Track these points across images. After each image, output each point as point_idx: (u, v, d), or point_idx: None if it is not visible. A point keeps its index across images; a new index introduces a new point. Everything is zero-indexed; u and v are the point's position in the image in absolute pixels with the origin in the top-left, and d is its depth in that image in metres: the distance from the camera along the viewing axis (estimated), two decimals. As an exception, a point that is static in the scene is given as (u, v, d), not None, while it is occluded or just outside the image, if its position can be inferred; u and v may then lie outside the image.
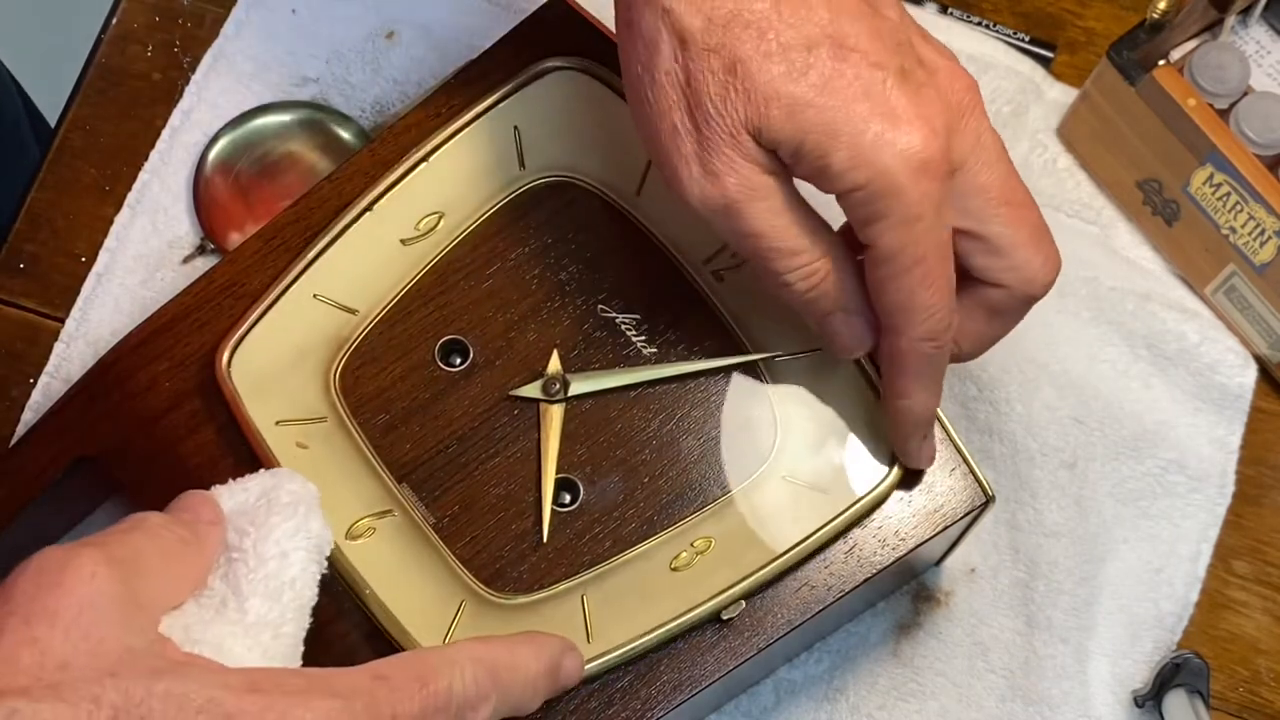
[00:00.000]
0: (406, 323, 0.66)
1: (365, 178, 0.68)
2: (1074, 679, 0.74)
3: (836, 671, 0.74)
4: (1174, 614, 0.75)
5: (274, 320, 0.66)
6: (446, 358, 0.66)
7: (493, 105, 0.68)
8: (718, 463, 0.65)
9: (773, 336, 0.66)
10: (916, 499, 0.64)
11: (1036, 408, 0.76)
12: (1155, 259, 0.79)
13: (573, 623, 0.62)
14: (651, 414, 0.65)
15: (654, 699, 0.62)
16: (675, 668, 0.62)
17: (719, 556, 0.63)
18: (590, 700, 0.62)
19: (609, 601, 0.63)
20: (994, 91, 0.81)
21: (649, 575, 0.63)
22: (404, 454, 0.65)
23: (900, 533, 0.64)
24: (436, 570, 0.63)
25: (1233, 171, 0.73)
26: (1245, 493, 0.77)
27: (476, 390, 0.65)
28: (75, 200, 0.80)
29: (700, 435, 0.65)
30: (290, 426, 0.65)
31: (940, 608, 0.75)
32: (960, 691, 0.74)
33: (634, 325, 0.66)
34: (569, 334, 0.66)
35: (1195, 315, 0.78)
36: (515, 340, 0.66)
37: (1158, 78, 0.74)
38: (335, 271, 0.67)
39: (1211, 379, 0.77)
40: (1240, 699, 0.75)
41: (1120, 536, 0.75)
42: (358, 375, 0.66)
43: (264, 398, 0.65)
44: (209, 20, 0.82)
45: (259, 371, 0.65)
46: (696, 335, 0.66)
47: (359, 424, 0.65)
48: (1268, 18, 0.77)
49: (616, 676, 0.62)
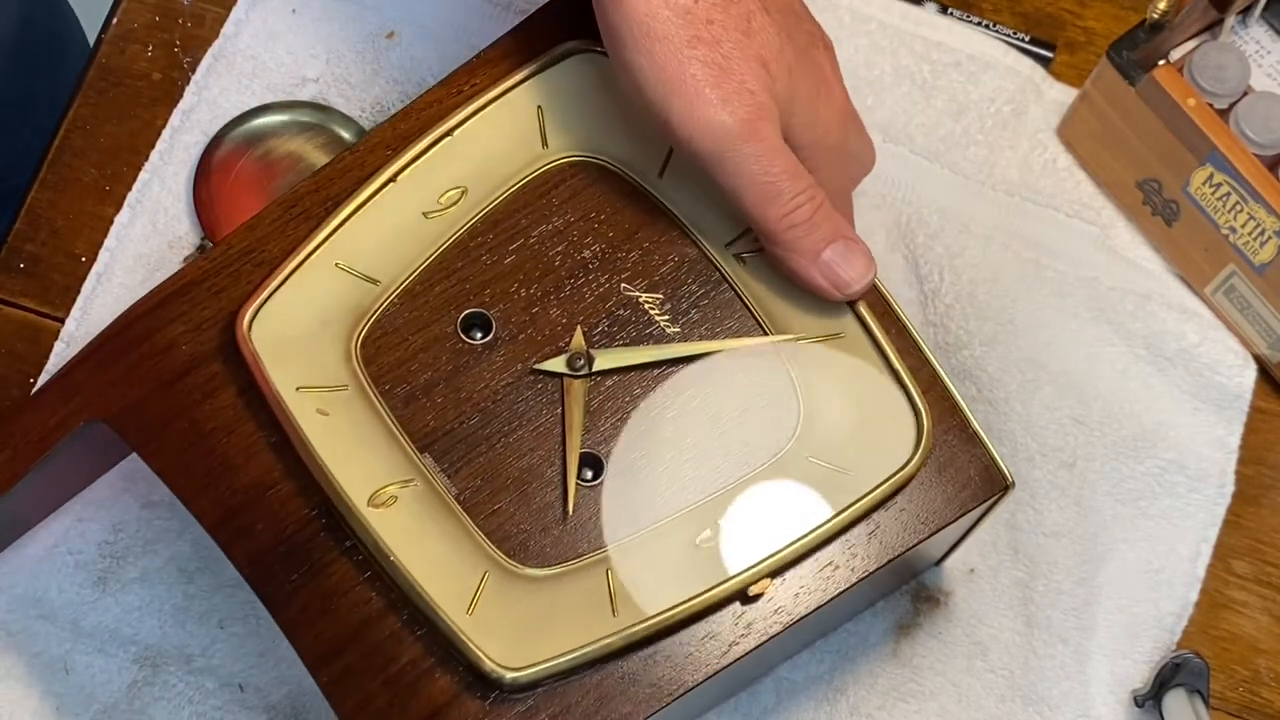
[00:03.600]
0: (428, 295, 0.66)
1: (387, 150, 0.67)
2: (1073, 679, 0.74)
3: (836, 671, 0.74)
4: (1173, 614, 0.75)
5: (295, 287, 0.65)
6: (468, 331, 0.66)
7: (516, 85, 0.68)
8: (740, 442, 0.64)
9: (794, 320, 0.66)
10: (938, 484, 0.64)
11: (1036, 408, 0.76)
12: (1155, 259, 0.79)
13: (597, 596, 0.62)
14: (675, 392, 0.65)
15: (678, 675, 0.61)
16: (700, 644, 0.62)
17: (742, 535, 0.63)
18: (615, 674, 0.61)
19: (634, 576, 0.63)
20: (994, 91, 0.81)
21: (673, 551, 0.63)
22: (426, 424, 0.64)
23: (921, 516, 0.64)
24: (459, 541, 0.63)
25: (1232, 171, 0.73)
26: (1245, 492, 0.77)
27: (499, 364, 0.65)
28: (75, 200, 0.80)
29: (723, 415, 0.65)
30: (311, 393, 0.64)
31: (940, 608, 0.75)
32: (959, 691, 0.74)
33: (657, 305, 0.66)
34: (592, 311, 0.66)
35: (1195, 315, 0.78)
36: (538, 316, 0.66)
37: (1158, 78, 0.74)
38: (357, 241, 0.66)
39: (1211, 379, 0.77)
40: (1240, 699, 0.75)
41: (1120, 536, 0.75)
42: (379, 345, 0.65)
43: (284, 364, 0.64)
44: (209, 20, 0.82)
45: (279, 338, 0.65)
46: (719, 316, 0.66)
47: (380, 393, 0.65)
48: (1268, 18, 0.77)
49: (641, 652, 0.62)
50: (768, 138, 0.62)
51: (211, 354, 0.65)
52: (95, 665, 0.73)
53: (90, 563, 0.74)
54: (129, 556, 0.74)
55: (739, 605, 0.62)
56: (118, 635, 0.73)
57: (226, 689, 0.73)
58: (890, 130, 0.80)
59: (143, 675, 0.73)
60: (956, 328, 0.77)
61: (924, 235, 0.79)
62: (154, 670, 0.73)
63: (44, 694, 0.73)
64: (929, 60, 0.81)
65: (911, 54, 0.81)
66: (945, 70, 0.81)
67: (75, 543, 0.74)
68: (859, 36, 0.81)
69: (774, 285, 0.66)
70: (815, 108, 0.64)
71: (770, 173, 0.62)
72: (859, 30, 0.81)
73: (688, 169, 0.66)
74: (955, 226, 0.79)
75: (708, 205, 0.67)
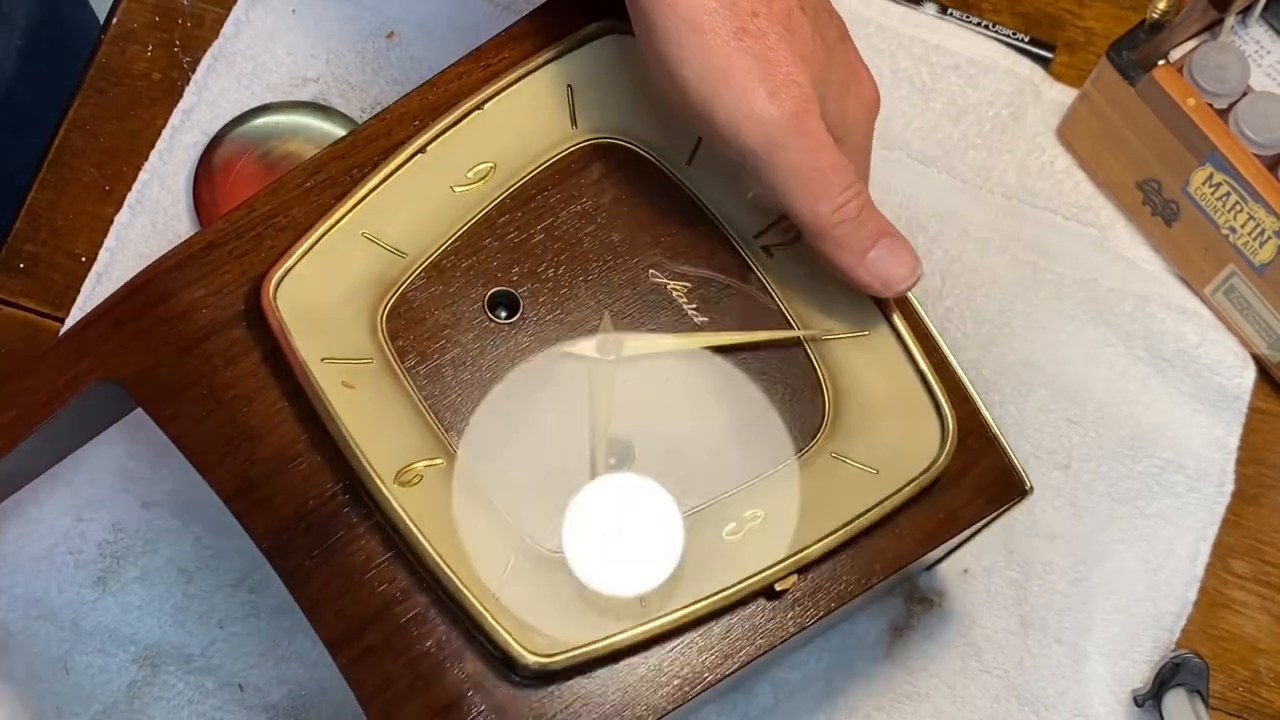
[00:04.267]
0: (455, 270, 0.65)
1: (415, 122, 0.66)
2: (1070, 679, 0.74)
3: (832, 673, 0.74)
4: (1173, 614, 0.75)
5: (321, 255, 0.63)
6: (494, 310, 0.64)
7: (547, 62, 0.67)
8: (767, 437, 0.64)
9: (821, 316, 0.65)
10: (958, 488, 0.63)
11: (1030, 410, 0.76)
12: (1154, 259, 0.79)
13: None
14: (703, 381, 0.64)
15: (704, 668, 0.61)
16: (726, 637, 0.61)
17: (770, 529, 0.62)
18: (639, 668, 0.60)
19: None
20: (992, 94, 0.81)
21: (701, 543, 0.62)
22: (452, 403, 0.63)
23: (942, 519, 0.63)
24: (488, 522, 0.61)
25: (1232, 171, 0.73)
26: (1244, 492, 0.77)
27: (526, 345, 0.64)
28: (75, 200, 0.80)
29: (750, 408, 0.64)
30: (336, 365, 0.62)
31: (934, 609, 0.75)
32: (954, 692, 0.74)
33: (685, 293, 0.65)
34: (620, 295, 0.65)
35: (1194, 316, 0.78)
36: (566, 298, 0.65)
37: (1157, 78, 0.74)
38: (385, 211, 0.64)
39: (1210, 379, 0.77)
40: (1240, 699, 0.75)
41: (1118, 536, 0.75)
42: (405, 319, 0.64)
43: (310, 334, 0.62)
44: (209, 20, 0.82)
45: (304, 306, 0.62)
46: (746, 308, 0.65)
47: (406, 370, 0.63)
48: (1267, 18, 0.77)
49: (668, 644, 0.61)
50: (815, 131, 0.61)
51: (233, 320, 0.63)
52: (95, 665, 0.73)
53: (90, 562, 0.74)
54: (129, 556, 0.75)
55: (765, 600, 0.61)
56: (117, 635, 0.74)
57: (226, 689, 0.73)
58: (888, 135, 0.80)
59: (142, 675, 0.73)
60: (955, 331, 0.77)
61: (923, 239, 0.79)
62: (154, 670, 0.73)
63: (44, 694, 0.73)
64: (927, 63, 0.81)
65: (910, 57, 0.81)
66: (944, 73, 0.81)
67: (75, 543, 0.75)
68: (857, 39, 0.80)
69: (802, 280, 0.65)
70: (844, 102, 0.64)
71: (818, 167, 0.61)
72: (857, 33, 0.80)
73: (718, 160, 0.65)
74: (954, 230, 0.79)
75: (736, 197, 0.66)
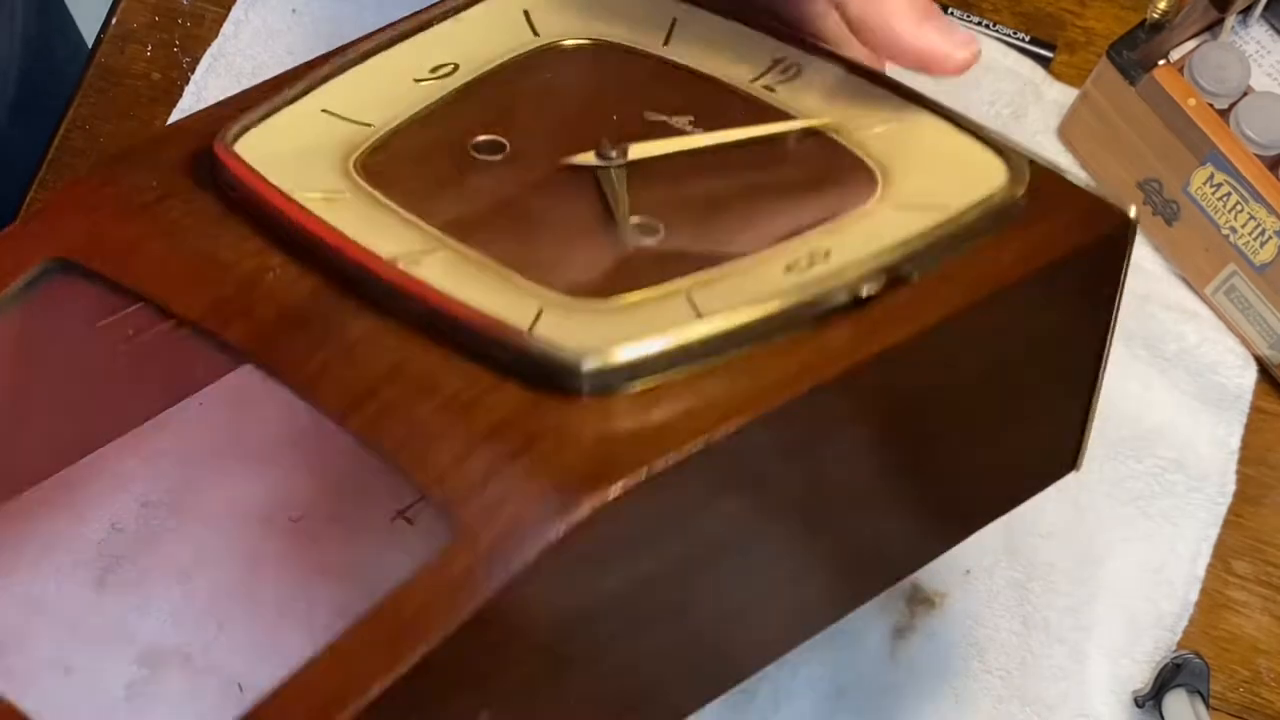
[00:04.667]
0: (431, 128, 0.59)
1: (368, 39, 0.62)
2: (1072, 679, 0.74)
3: (834, 674, 0.74)
4: (1173, 614, 0.75)
5: (277, 125, 0.58)
6: (480, 152, 0.59)
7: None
8: (816, 209, 0.56)
9: (847, 114, 0.59)
10: (1042, 222, 0.56)
11: (1032, 410, 0.76)
12: (1155, 259, 0.79)
13: (677, 309, 0.52)
14: (727, 175, 0.58)
15: (782, 382, 0.51)
16: (806, 348, 0.52)
17: (840, 261, 0.54)
18: (707, 374, 0.51)
19: (715, 302, 0.52)
20: (993, 95, 0.81)
21: (762, 280, 0.53)
22: (445, 212, 0.56)
23: (1041, 242, 0.56)
24: (504, 284, 0.54)
25: (1233, 171, 0.73)
26: (1245, 492, 0.77)
27: (520, 168, 0.58)
28: (75, 200, 0.80)
29: (788, 194, 0.58)
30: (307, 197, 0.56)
31: (935, 609, 0.75)
32: (956, 693, 0.74)
33: (689, 123, 0.60)
34: (618, 134, 0.58)
35: (1195, 315, 0.78)
36: (557, 133, 0.59)
37: (1158, 78, 0.74)
38: (344, 93, 0.60)
39: (1211, 379, 0.77)
40: (1240, 699, 0.75)
41: (1119, 536, 0.75)
42: (380, 164, 0.58)
43: (273, 174, 0.56)
44: (209, 20, 0.82)
45: (263, 155, 0.57)
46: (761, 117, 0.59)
47: (387, 195, 0.56)
48: (1268, 18, 0.77)
49: (734, 351, 0.51)
50: None
51: (188, 186, 0.57)
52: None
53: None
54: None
55: (846, 314, 0.52)
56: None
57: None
58: (887, 134, 0.80)
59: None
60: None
61: (923, 239, 0.78)
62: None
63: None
64: (927, 62, 0.81)
65: (910, 56, 0.81)
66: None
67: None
68: (857, 38, 0.81)
69: (817, 99, 0.60)
70: None
71: None
72: (857, 32, 0.81)
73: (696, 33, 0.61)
74: (954, 230, 0.79)
75: (723, 52, 0.61)
